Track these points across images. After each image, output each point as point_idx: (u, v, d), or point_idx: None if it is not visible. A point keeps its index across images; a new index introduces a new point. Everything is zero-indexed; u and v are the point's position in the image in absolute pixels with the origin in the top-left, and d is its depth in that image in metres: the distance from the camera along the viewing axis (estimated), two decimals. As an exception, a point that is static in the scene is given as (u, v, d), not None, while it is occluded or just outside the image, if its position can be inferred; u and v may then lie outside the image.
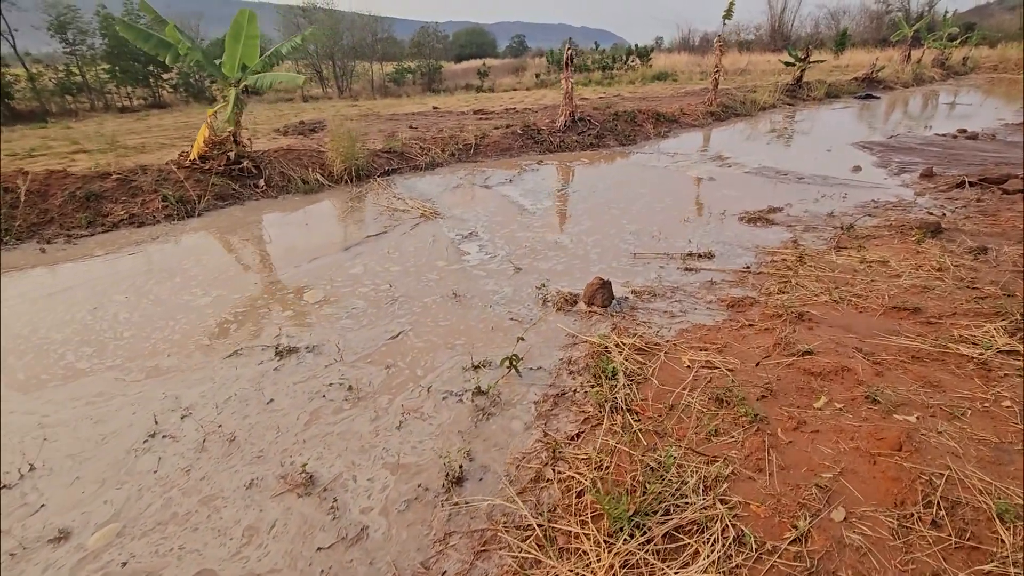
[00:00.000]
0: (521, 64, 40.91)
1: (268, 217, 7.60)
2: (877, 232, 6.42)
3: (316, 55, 31.03)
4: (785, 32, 53.63)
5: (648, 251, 6.13)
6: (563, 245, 6.36)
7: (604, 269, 5.65)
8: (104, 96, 22.41)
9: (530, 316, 4.69)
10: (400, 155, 10.36)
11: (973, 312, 4.19)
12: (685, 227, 6.91)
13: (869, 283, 4.94)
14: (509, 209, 7.80)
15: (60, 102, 21.16)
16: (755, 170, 9.96)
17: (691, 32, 52.66)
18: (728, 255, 5.98)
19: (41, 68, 21.47)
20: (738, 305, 4.72)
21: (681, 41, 52.63)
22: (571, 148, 12.03)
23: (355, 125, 13.12)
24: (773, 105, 19.24)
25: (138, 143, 11.06)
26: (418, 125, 13.90)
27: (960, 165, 9.88)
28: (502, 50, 59.23)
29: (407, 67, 33.70)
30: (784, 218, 7.21)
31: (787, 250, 5.99)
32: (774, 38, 51.16)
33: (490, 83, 32.41)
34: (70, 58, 21.51)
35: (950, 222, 6.66)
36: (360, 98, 27.46)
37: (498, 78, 35.21)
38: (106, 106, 21.83)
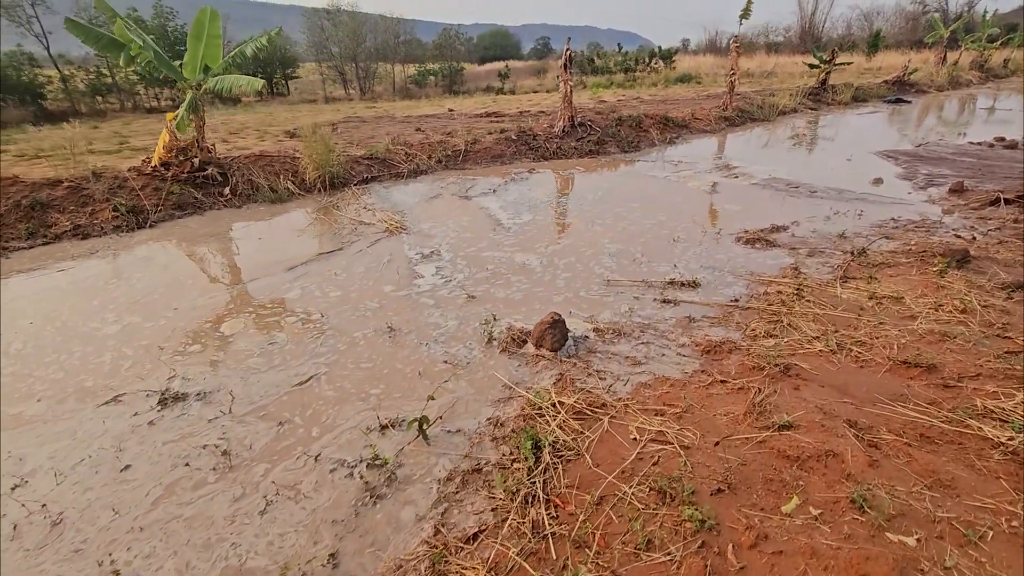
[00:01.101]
0: (543, 66, 40.60)
1: (222, 230, 7.08)
2: (893, 259, 5.57)
3: (339, 57, 31.17)
4: (816, 33, 51.92)
5: (625, 277, 5.41)
6: (531, 268, 5.68)
7: (569, 299, 4.95)
8: (133, 97, 22.89)
9: (468, 358, 4.02)
10: (382, 162, 9.79)
11: (1002, 373, 3.38)
12: (673, 248, 6.16)
13: (876, 326, 4.14)
14: (483, 224, 7.14)
15: (90, 103, 21.63)
16: (763, 182, 9.11)
17: (718, 34, 51.31)
18: (716, 284, 5.22)
19: (73, 70, 21.99)
20: (715, 351, 3.97)
21: (708, 43, 51.39)
22: (568, 155, 11.31)
23: (361, 129, 12.66)
24: (794, 109, 18.20)
25: (148, 144, 10.86)
26: (426, 128, 13.43)
27: (996, 179, 8.87)
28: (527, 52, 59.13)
29: (429, 69, 33.49)
30: (788, 239, 6.39)
31: (785, 279, 5.20)
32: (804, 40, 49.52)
33: (511, 85, 31.96)
34: (101, 60, 21.79)
35: (980, 248, 5.77)
36: (381, 100, 27.57)
37: (520, 80, 34.78)
38: (135, 107, 22.22)
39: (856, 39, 49.47)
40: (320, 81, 32.00)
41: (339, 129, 14.19)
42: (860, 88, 21.40)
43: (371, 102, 25.41)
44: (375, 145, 10.12)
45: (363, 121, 15.67)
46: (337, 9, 31.57)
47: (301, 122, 15.18)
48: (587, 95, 23.50)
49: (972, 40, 29.68)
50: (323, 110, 20.36)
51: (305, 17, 33.28)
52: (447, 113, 17.33)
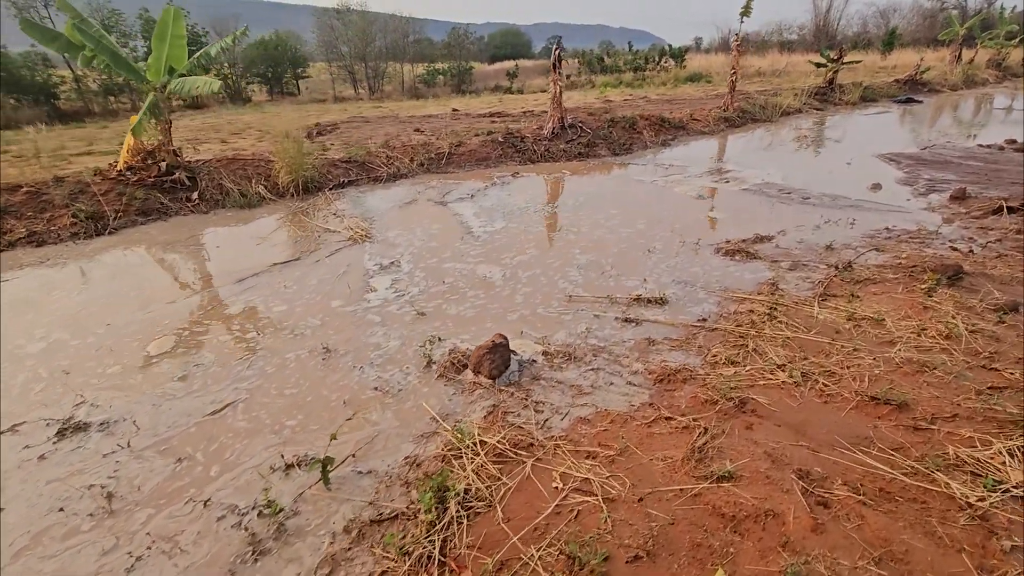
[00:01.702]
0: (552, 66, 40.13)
1: (183, 237, 6.84)
2: (880, 274, 5.18)
3: (349, 57, 31.21)
4: (830, 31, 50.93)
5: (589, 293, 5.07)
6: (491, 282, 5.36)
7: (524, 317, 4.63)
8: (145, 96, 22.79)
9: (401, 385, 3.72)
10: (361, 165, 9.53)
11: (981, 414, 3.00)
12: (646, 260, 5.81)
13: (850, 353, 3.77)
14: (453, 232, 6.83)
15: (103, 103, 21.81)
16: (755, 187, 8.70)
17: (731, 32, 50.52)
18: (685, 301, 4.87)
19: (86, 70, 22.00)
20: (669, 380, 3.63)
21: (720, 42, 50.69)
22: (556, 158, 10.97)
23: (362, 129, 12.44)
24: (799, 110, 17.66)
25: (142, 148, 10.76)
26: (426, 128, 13.26)
27: (1002, 184, 8.39)
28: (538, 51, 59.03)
29: (438, 68, 33.36)
30: (771, 250, 6.01)
31: (760, 297, 4.83)
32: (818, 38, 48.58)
33: (520, 84, 31.72)
34: None
35: (976, 263, 5.35)
36: (390, 99, 27.67)
37: (529, 79, 34.55)
38: None
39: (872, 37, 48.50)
40: (330, 81, 31.96)
41: (341, 129, 14.05)
42: (869, 87, 20.77)
43: (379, 102, 25.42)
44: (354, 148, 9.86)
45: (366, 121, 15.55)
46: (347, 9, 31.61)
47: (307, 122, 15.18)
48: (594, 94, 23.21)
49: (989, 38, 28.79)
50: (330, 109, 20.39)
51: (315, 17, 33.41)
52: (451, 113, 17.23)
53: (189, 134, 13.07)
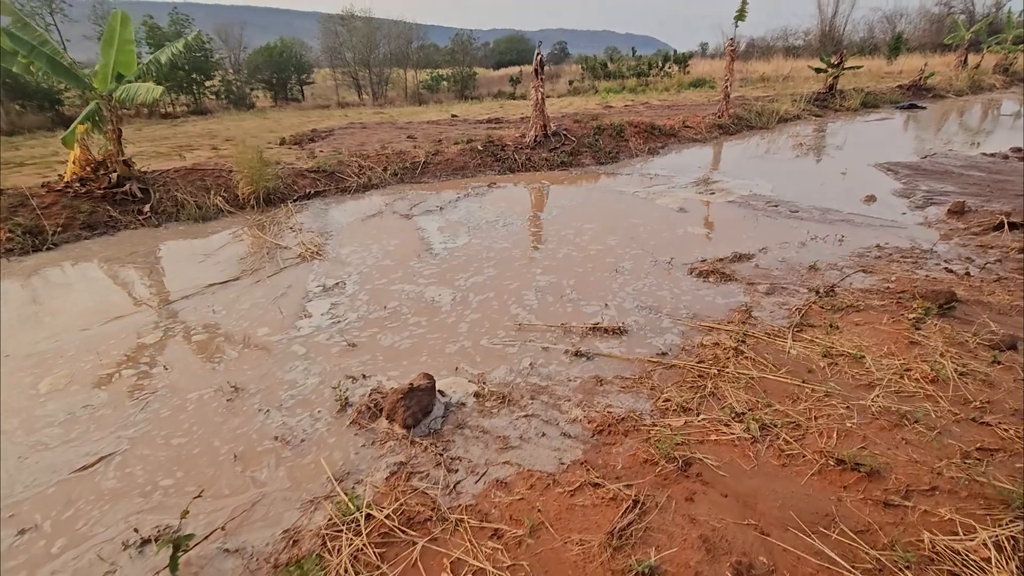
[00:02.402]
0: (556, 71, 40.36)
1: (124, 253, 6.45)
2: (865, 300, 4.68)
3: (353, 63, 31.21)
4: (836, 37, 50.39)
5: (542, 320, 4.61)
6: (438, 306, 4.91)
7: (465, 350, 4.17)
8: None
9: (307, 434, 3.26)
10: (330, 175, 9.12)
11: (966, 487, 2.51)
12: (612, 281, 5.34)
13: (821, 400, 3.29)
14: (411, 248, 6.40)
15: None
16: (741, 199, 8.23)
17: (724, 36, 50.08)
18: (647, 331, 4.40)
19: None
20: (610, 431, 3.16)
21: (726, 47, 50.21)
22: (538, 167, 10.53)
23: (356, 135, 12.08)
24: (797, 116, 17.18)
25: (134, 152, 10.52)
26: (419, 135, 12.95)
27: (1006, 196, 7.87)
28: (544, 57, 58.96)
29: (441, 74, 33.25)
30: (749, 271, 5.53)
31: (729, 326, 4.35)
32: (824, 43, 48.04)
33: (523, 90, 31.55)
34: None
35: (972, 287, 4.85)
36: (394, 105, 27.76)
37: None
38: (150, 113, 22.34)
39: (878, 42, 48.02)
40: (334, 87, 31.89)
41: (335, 135, 13.74)
42: (871, 93, 20.25)
43: (381, 108, 25.35)
44: (323, 158, 9.47)
45: (363, 127, 15.30)
46: (351, 15, 31.63)
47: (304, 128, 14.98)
48: (596, 100, 22.96)
49: (996, 42, 28.18)
50: (331, 115, 20.32)
51: (319, 23, 33.48)
52: (450, 119, 17.00)
53: (185, 140, 12.97)
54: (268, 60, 28.04)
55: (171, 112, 23.16)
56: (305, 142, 13.03)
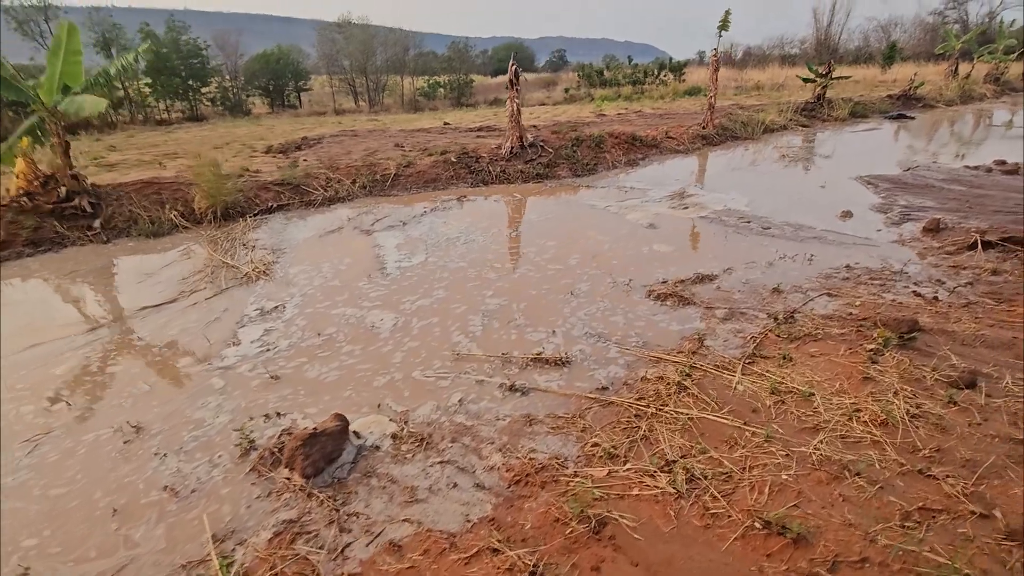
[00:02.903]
0: (553, 79, 40.55)
1: (65, 272, 6.19)
2: (825, 328, 4.43)
3: (350, 70, 31.23)
4: (832, 45, 50.52)
5: (483, 349, 4.36)
6: (376, 333, 4.65)
7: (393, 383, 3.91)
8: (144, 109, 23.12)
9: (201, 483, 3.00)
10: (295, 188, 8.89)
11: (898, 562, 2.25)
12: (565, 305, 5.09)
13: (758, 447, 3.03)
14: (363, 267, 6.15)
15: (102, 115, 21.59)
16: (714, 214, 8.00)
17: (733, 46, 50.28)
18: (591, 361, 4.14)
19: None
20: (528, 481, 2.90)
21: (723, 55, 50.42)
22: (512, 179, 10.31)
23: (344, 143, 11.86)
24: (784, 127, 16.99)
25: (118, 160, 10.41)
26: (408, 143, 12.80)
27: (985, 213, 7.65)
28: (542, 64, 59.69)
29: (439, 81, 33.25)
30: (710, 293, 5.29)
31: (677, 358, 4.10)
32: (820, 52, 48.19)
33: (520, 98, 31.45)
34: None
35: (939, 313, 4.60)
36: (391, 112, 27.84)
37: (529, 93, 34.45)
38: (145, 119, 22.42)
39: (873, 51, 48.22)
40: (330, 94, 31.87)
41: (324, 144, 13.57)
42: (859, 103, 20.12)
43: (377, 115, 25.36)
44: (288, 170, 9.24)
45: (354, 135, 15.17)
46: (348, 23, 31.67)
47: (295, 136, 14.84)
48: (590, 108, 22.94)
49: (988, 52, 28.13)
50: (325, 122, 20.34)
51: (316, 31, 33.50)
52: (441, 127, 16.89)
53: (175, 147, 12.89)
54: (265, 67, 28.04)
55: (166, 119, 23.17)
56: (291, 150, 12.84)
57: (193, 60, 23.69)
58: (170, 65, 22.82)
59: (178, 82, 23.37)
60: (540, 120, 17.93)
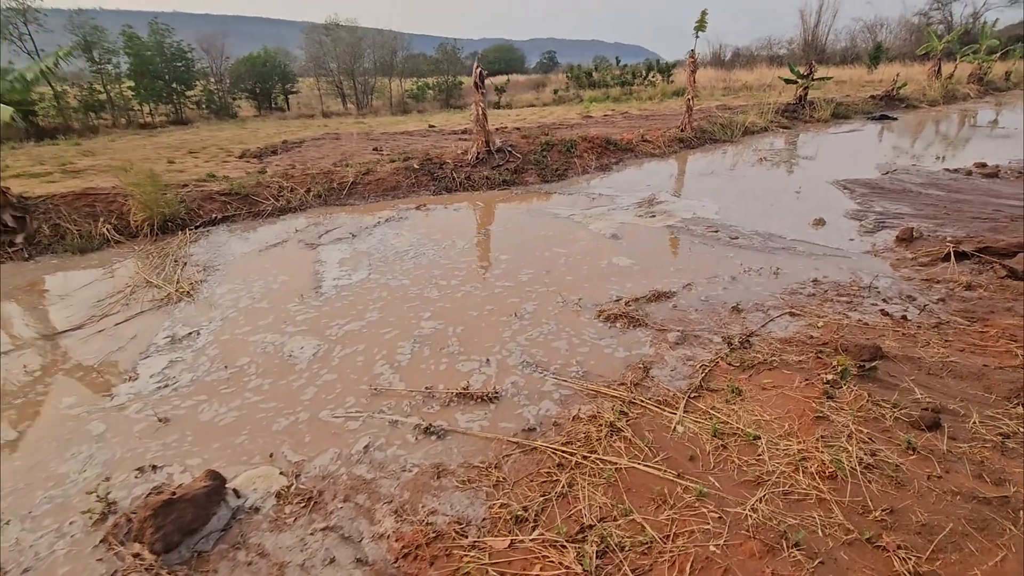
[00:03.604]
0: (543, 80, 40.46)
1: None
2: (782, 354, 4.05)
3: (337, 72, 30.87)
4: (819, 46, 50.62)
5: (406, 383, 3.94)
6: (292, 363, 4.22)
7: (294, 426, 3.48)
8: (127, 113, 22.76)
9: (37, 559, 2.56)
10: (244, 198, 8.43)
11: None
12: (506, 328, 4.69)
13: (689, 507, 2.63)
14: (298, 286, 5.71)
15: (83, 119, 21.26)
16: (682, 223, 7.63)
17: (722, 47, 50.28)
18: (523, 396, 3.74)
19: (66, 86, 21.67)
20: (418, 554, 2.49)
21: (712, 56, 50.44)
22: (477, 186, 9.90)
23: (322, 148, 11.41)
24: (765, 128, 16.71)
25: (87, 166, 10.02)
26: (388, 147, 12.50)
27: (962, 220, 7.33)
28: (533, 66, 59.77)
29: (427, 83, 32.91)
30: (665, 313, 4.90)
31: (618, 391, 3.70)
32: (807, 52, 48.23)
33: (508, 99, 31.29)
34: (95, 76, 21.89)
35: (906, 336, 4.24)
36: (379, 114, 27.62)
37: (518, 94, 34.36)
38: (128, 122, 22.04)
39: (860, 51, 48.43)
40: (318, 96, 31.45)
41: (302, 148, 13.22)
42: (842, 104, 19.90)
43: (363, 118, 25.15)
44: (238, 180, 8.78)
45: (336, 138, 14.88)
46: (335, 24, 31.27)
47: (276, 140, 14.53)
48: (577, 110, 22.76)
49: (972, 51, 28.05)
50: (310, 125, 20.12)
51: (303, 33, 33.06)
52: (426, 130, 16.61)
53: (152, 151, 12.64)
54: (251, 69, 27.63)
55: (150, 122, 22.77)
56: (267, 154, 12.46)
57: (177, 63, 23.27)
58: (153, 68, 22.49)
59: (162, 85, 23.04)
60: (526, 122, 17.68)
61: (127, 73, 22.55)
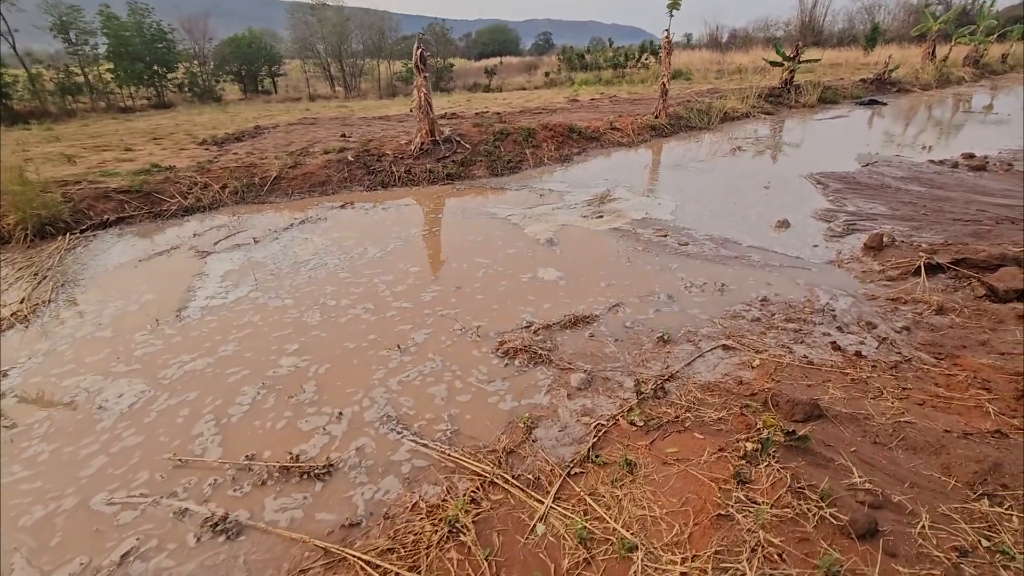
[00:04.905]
0: (535, 63, 39.53)
1: None
2: (700, 407, 3.25)
3: (324, 54, 29.74)
4: (816, 28, 49.37)
5: (223, 449, 3.12)
6: (95, 419, 3.41)
7: (51, 517, 2.68)
8: (107, 96, 21.91)
9: None
10: (146, 196, 7.53)
11: None
12: (381, 366, 3.87)
13: None
14: (160, 308, 4.87)
15: (60, 102, 20.47)
16: (630, 225, 6.79)
17: (719, 28, 49.01)
18: (363, 470, 2.94)
19: (42, 68, 20.98)
20: None
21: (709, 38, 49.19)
22: (418, 181, 9.00)
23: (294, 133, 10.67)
24: (746, 114, 15.79)
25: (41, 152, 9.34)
26: (358, 133, 11.73)
27: (941, 222, 6.51)
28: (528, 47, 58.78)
29: None
30: (578, 345, 4.09)
31: (484, 462, 2.91)
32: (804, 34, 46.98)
33: (499, 82, 30.25)
34: (72, 58, 21.13)
35: (856, 382, 3.45)
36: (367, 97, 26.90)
37: (510, 77, 33.40)
38: (108, 106, 21.31)
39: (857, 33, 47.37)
40: (306, 79, 30.31)
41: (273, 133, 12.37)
42: (829, 88, 18.95)
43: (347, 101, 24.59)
44: (138, 176, 7.86)
45: (313, 123, 14.18)
46: (322, 4, 30.03)
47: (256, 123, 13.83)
48: (566, 93, 21.93)
49: (968, 33, 26.99)
50: (293, 109, 19.41)
51: (288, 13, 31.81)
52: (406, 114, 16.00)
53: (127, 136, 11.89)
54: (235, 51, 26.43)
55: (130, 106, 21.92)
56: (230, 142, 11.54)
57: (158, 44, 22.12)
58: (133, 50, 21.51)
59: (142, 67, 22.09)
60: (511, 106, 16.89)
61: (105, 55, 21.72)
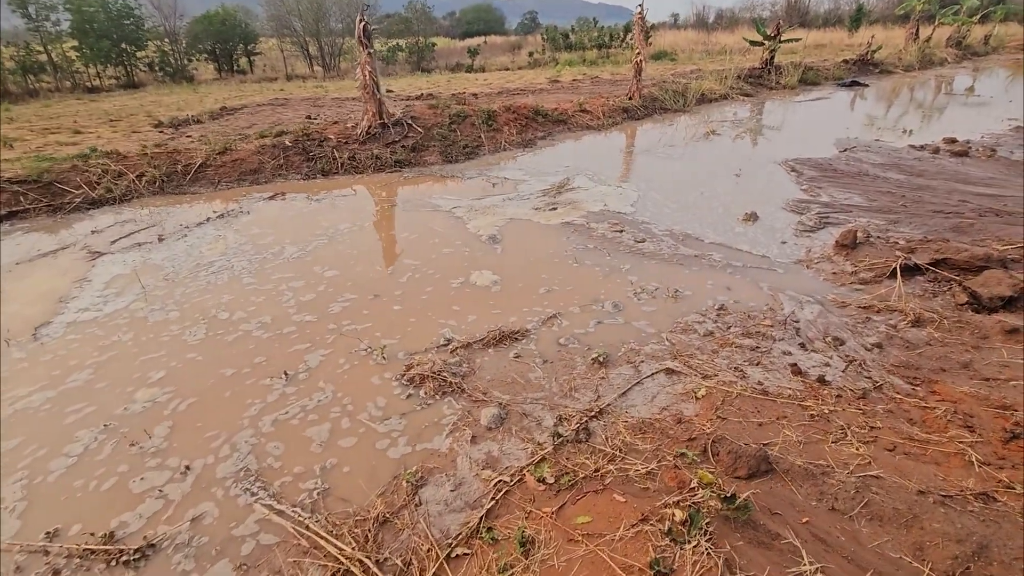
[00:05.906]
0: (520, 43, 38.54)
1: None
2: (626, 457, 2.67)
3: (301, 32, 28.39)
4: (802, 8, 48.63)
5: (22, 523, 2.47)
6: None
7: None
8: (72, 75, 20.51)
9: None
10: (46, 187, 6.70)
11: None
12: (258, 399, 3.22)
13: None
14: (20, 322, 4.14)
15: (20, 82, 19.17)
16: (584, 218, 6.16)
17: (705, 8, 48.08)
18: (194, 547, 2.32)
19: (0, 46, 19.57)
20: None
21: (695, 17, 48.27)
22: (362, 168, 8.25)
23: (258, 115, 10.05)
24: (724, 96, 15.13)
25: None
26: (324, 115, 11.02)
27: (921, 214, 5.97)
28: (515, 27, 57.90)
29: (398, 45, 30.53)
30: (499, 368, 3.47)
31: (348, 537, 2.28)
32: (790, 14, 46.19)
33: (482, 62, 29.28)
34: (33, 35, 19.78)
35: (817, 420, 2.87)
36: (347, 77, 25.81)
37: (493, 57, 32.42)
38: (73, 86, 20.03)
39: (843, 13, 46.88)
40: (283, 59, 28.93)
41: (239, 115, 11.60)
42: (810, 68, 18.34)
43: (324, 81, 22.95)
44: (34, 165, 7.01)
45: (283, 103, 13.59)
46: None
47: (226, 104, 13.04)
48: (548, 73, 21.18)
49: (951, 13, 26.47)
50: (266, 89, 18.43)
51: None
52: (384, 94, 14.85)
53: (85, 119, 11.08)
54: (207, 29, 24.97)
55: (97, 86, 20.64)
56: (190, 124, 10.64)
57: (125, 21, 20.73)
58: (98, 26, 20.11)
59: (108, 45, 20.62)
60: (491, 86, 16.13)
61: (69, 32, 20.30)
